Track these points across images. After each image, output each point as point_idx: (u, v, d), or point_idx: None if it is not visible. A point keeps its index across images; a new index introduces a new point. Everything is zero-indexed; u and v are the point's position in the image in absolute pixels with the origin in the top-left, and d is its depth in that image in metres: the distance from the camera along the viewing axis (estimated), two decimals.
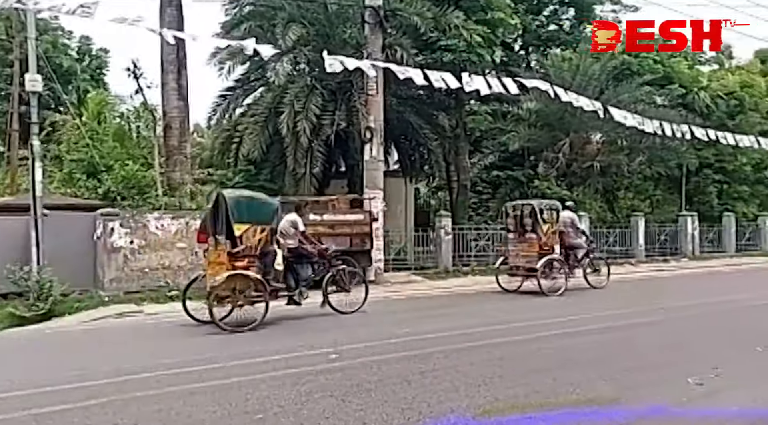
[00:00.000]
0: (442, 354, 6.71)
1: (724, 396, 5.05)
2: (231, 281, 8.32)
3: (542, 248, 11.94)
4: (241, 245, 8.42)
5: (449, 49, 15.74)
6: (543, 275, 11.81)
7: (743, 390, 5.22)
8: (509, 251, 12.77)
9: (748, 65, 28.09)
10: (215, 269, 8.54)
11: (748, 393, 5.11)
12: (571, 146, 19.89)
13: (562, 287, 11.97)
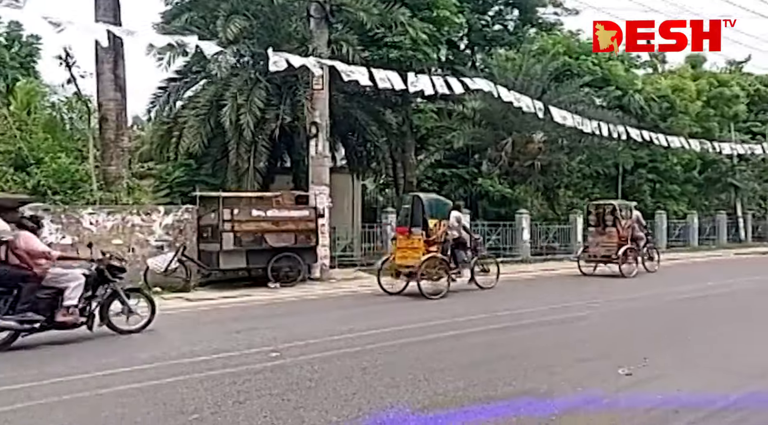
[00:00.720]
0: (385, 349, 6.72)
1: (650, 385, 5.26)
2: (429, 261, 10.98)
3: (621, 240, 14.70)
4: (433, 235, 11.12)
5: (395, 46, 15.80)
6: (622, 261, 14.48)
7: (668, 379, 5.45)
8: (590, 242, 15.69)
9: (680, 70, 29.53)
10: (408, 253, 11.27)
11: (673, 382, 5.34)
12: (513, 144, 20.33)
13: (634, 271, 14.80)
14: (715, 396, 4.94)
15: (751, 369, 5.86)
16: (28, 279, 6.76)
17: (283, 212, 12.66)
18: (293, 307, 10.39)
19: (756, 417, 4.46)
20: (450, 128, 21.04)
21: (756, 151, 26.98)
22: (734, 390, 5.08)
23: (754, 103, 33.37)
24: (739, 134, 29.29)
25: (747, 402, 4.81)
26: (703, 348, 6.98)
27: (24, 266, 6.80)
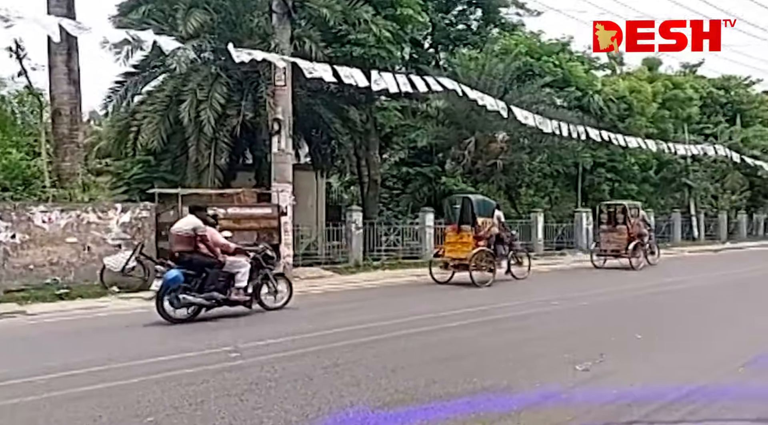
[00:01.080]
0: (347, 348, 6.69)
1: (606, 380, 5.37)
2: (479, 254, 12.52)
3: (630, 236, 16.42)
4: (481, 232, 12.69)
5: (359, 43, 15.75)
6: (631, 255, 16.15)
7: (623, 374, 5.57)
8: (601, 239, 17.46)
9: (637, 72, 30.30)
10: (457, 247, 12.88)
11: (627, 377, 5.46)
12: (476, 144, 20.52)
13: (642, 263, 16.53)
14: (667, 389, 5.08)
15: (703, 363, 6.04)
16: (213, 266, 8.53)
17: (245, 210, 12.49)
18: (257, 307, 10.24)
19: (705, 410, 4.59)
20: (414, 127, 21.10)
21: (708, 152, 27.95)
22: (686, 383, 5.23)
23: (706, 106, 34.52)
24: (692, 135, 30.24)
25: (698, 394, 4.96)
26: (657, 342, 7.17)
27: (210, 255, 8.56)
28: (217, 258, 8.57)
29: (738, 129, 34.21)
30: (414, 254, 18.21)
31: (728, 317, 9.00)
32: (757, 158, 30.89)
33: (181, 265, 8.35)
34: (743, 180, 33.19)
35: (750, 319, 8.75)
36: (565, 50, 26.06)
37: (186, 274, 8.28)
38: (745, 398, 4.90)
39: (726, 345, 6.91)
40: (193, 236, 8.45)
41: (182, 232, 8.52)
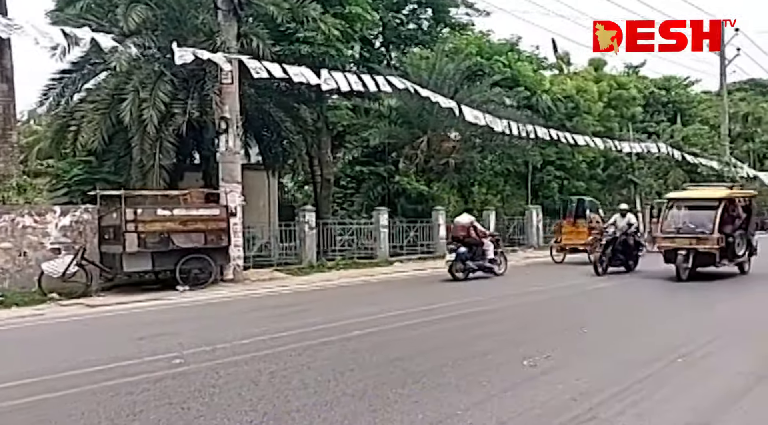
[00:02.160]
0: (296, 351, 6.56)
1: (552, 376, 5.43)
2: (593, 241, 15.32)
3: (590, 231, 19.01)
4: (592, 224, 17.23)
5: (307, 41, 15.57)
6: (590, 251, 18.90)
7: (568, 369, 5.66)
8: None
9: (583, 72, 31.06)
10: (572, 235, 18.08)
11: (573, 372, 5.54)
12: (429, 143, 20.62)
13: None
14: (609, 382, 5.18)
15: (644, 355, 6.19)
16: (480, 245, 13.64)
17: (192, 211, 12.17)
18: (203, 311, 10.01)
19: (645, 402, 4.69)
20: (367, 126, 21.03)
21: (652, 150, 28.95)
22: (626, 377, 5.34)
23: (649, 105, 35.80)
24: (636, 133, 31.25)
25: (638, 386, 5.07)
26: (599, 338, 7.33)
27: (475, 238, 13.54)
28: (480, 240, 13.59)
29: (679, 128, 35.59)
30: (369, 254, 18.15)
31: (671, 309, 9.30)
32: (696, 156, 32.19)
33: (462, 244, 13.20)
34: (684, 177, 34.48)
35: (692, 310, 9.07)
36: (514, 50, 26.51)
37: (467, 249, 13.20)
38: (684, 389, 5.03)
39: (667, 337, 7.11)
40: (468, 226, 13.57)
41: (463, 223, 13.78)
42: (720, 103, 38.59)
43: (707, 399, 4.76)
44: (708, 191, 14.72)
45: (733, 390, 5.00)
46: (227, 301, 11.00)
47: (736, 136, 41.08)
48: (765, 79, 52.50)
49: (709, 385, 5.17)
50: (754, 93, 52.20)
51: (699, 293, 11.13)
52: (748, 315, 8.66)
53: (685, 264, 12.16)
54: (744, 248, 13.09)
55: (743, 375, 5.42)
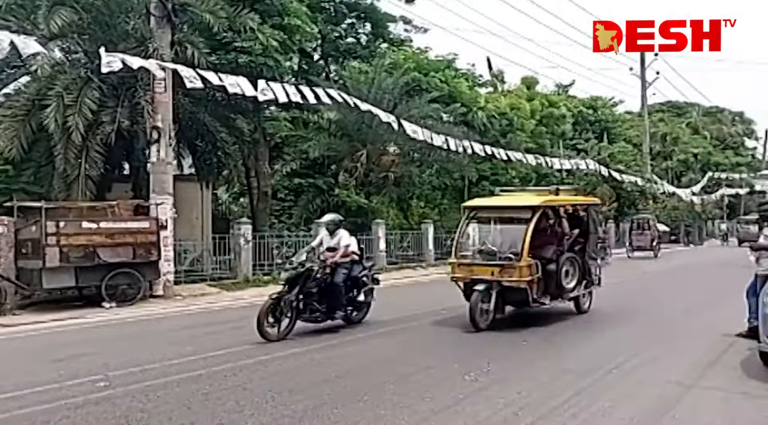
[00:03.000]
0: (231, 371, 6.27)
1: (494, 389, 5.43)
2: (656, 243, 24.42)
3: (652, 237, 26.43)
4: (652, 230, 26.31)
5: (245, 51, 15.25)
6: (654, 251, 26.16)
7: (509, 383, 5.67)
8: (633, 240, 27.09)
9: (516, 90, 32.09)
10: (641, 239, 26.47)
11: (514, 385, 5.56)
12: (368, 156, 20.62)
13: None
14: (550, 395, 5.22)
15: (582, 366, 6.31)
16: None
17: (120, 224, 11.55)
18: (131, 329, 9.47)
19: (584, 413, 4.74)
20: (305, 138, 20.82)
21: (581, 166, 30.20)
22: (567, 388, 5.41)
23: (578, 123, 37.36)
24: (566, 150, 32.53)
25: (577, 399, 5.14)
26: (539, 348, 7.43)
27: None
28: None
29: (605, 145, 37.35)
30: None
31: (598, 320, 9.55)
32: (621, 172, 33.85)
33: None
34: (611, 192, 36.15)
35: (620, 322, 9.36)
36: (451, 67, 27.04)
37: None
38: (620, 399, 5.13)
39: (602, 347, 7.30)
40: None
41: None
42: (642, 123, 40.85)
43: (642, 410, 4.86)
44: (519, 197, 10.55)
45: (666, 399, 5.15)
46: (157, 318, 10.47)
47: (656, 154, 43.56)
48: (681, 102, 56.08)
49: (644, 395, 5.29)
50: (671, 114, 55.64)
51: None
52: None
53: (484, 304, 8.37)
54: (576, 279, 9.34)
55: (672, 384, 5.61)
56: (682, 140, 49.58)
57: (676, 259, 25.99)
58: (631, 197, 37.77)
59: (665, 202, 39.71)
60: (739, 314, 7.89)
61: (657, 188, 38.31)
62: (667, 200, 40.09)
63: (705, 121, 56.86)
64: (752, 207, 57.11)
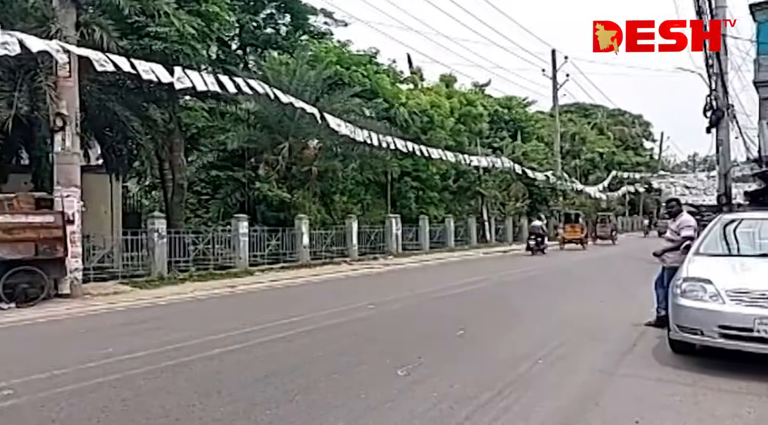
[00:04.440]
0: (151, 374, 5.90)
1: (427, 383, 5.43)
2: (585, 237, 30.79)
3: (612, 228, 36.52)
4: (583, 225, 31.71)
5: (159, 37, 14.49)
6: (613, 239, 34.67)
7: (442, 376, 5.70)
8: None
9: (436, 88, 32.67)
10: (571, 233, 30.72)
11: (447, 379, 5.59)
12: (290, 149, 20.25)
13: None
14: (482, 388, 5.29)
15: (510, 358, 6.45)
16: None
17: (19, 218, 10.64)
18: (34, 331, 8.75)
19: (516, 406, 4.84)
20: (224, 129, 20.15)
21: (496, 164, 31.24)
22: (497, 380, 5.51)
23: (494, 122, 38.62)
24: (483, 148, 33.52)
25: (508, 391, 5.24)
26: (472, 340, 7.56)
27: None
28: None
29: (519, 144, 38.86)
30: (227, 263, 17.28)
31: (523, 312, 9.90)
32: (534, 170, 35.34)
33: None
34: (524, 189, 37.69)
35: (543, 313, 9.73)
36: (372, 62, 27.10)
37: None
38: (548, 389, 5.29)
39: (527, 339, 7.52)
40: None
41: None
42: (553, 122, 42.83)
43: (569, 399, 5.03)
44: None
45: (589, 387, 5.36)
46: (64, 319, 9.73)
47: (565, 153, 45.85)
48: (587, 104, 59.36)
49: (569, 384, 5.48)
50: (579, 115, 58.81)
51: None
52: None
53: None
54: None
55: (595, 372, 5.86)
56: (589, 139, 52.58)
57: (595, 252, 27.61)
58: (543, 193, 39.57)
59: (574, 199, 41.90)
60: (649, 304, 8.42)
61: (567, 186, 40.34)
62: (575, 197, 42.33)
63: (609, 122, 60.63)
64: (650, 204, 61.61)
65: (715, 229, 7.31)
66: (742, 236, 7.15)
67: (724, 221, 7.57)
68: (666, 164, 70.36)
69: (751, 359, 5.61)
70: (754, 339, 5.46)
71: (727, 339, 5.64)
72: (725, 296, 5.74)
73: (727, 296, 5.72)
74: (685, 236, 7.80)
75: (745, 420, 4.48)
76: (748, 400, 4.90)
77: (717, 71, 15.09)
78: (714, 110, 15.50)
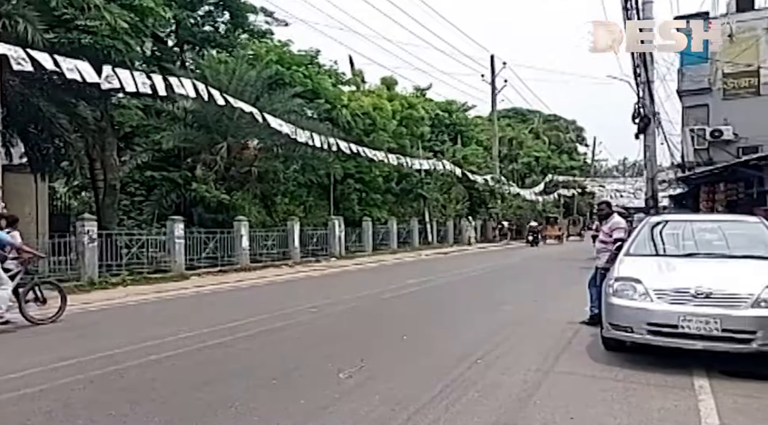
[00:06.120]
0: (80, 384, 5.62)
1: (369, 386, 5.40)
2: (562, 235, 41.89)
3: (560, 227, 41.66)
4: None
5: (89, 31, 13.83)
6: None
7: (383, 379, 5.68)
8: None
9: (378, 90, 32.82)
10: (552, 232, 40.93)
11: (388, 381, 5.59)
12: (229, 149, 19.81)
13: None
14: (422, 389, 5.31)
15: (449, 358, 6.51)
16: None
17: None
18: None
19: (457, 405, 4.89)
20: (159, 128, 19.45)
21: (438, 167, 31.70)
22: (440, 381, 5.55)
23: (435, 126, 39.15)
24: (425, 151, 33.93)
25: (449, 390, 5.29)
26: (414, 342, 7.58)
27: None
28: None
29: (459, 148, 39.58)
30: (162, 267, 16.69)
31: (465, 312, 10.04)
32: (474, 173, 36.08)
33: None
34: (464, 192, 38.40)
35: (483, 313, 9.89)
36: (314, 63, 26.92)
37: None
38: (487, 389, 5.36)
39: (468, 339, 7.61)
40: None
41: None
42: (491, 127, 43.87)
43: (508, 397, 5.12)
44: None
45: (527, 385, 5.48)
46: None
47: (503, 157, 47.06)
48: (524, 109, 61.16)
49: (508, 383, 5.59)
50: (516, 120, 60.51)
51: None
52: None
53: None
54: None
55: (532, 371, 6.00)
56: (526, 144, 54.14)
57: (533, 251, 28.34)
58: (483, 196, 40.44)
59: (512, 201, 43.05)
60: (582, 303, 8.72)
61: (505, 189, 41.40)
62: (513, 200, 43.49)
63: (545, 127, 62.64)
64: (584, 207, 64.03)
65: (644, 231, 7.64)
66: (668, 238, 7.50)
67: (652, 223, 7.93)
68: (598, 168, 73.43)
69: (677, 354, 5.89)
70: (679, 335, 5.74)
71: (655, 336, 5.90)
72: (653, 294, 6.00)
73: (655, 295, 5.99)
74: (617, 238, 8.12)
75: (672, 413, 4.69)
76: (674, 393, 5.14)
77: (644, 80, 15.85)
78: (642, 117, 16.27)
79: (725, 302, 5.66)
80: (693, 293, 5.78)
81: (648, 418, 4.56)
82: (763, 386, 5.35)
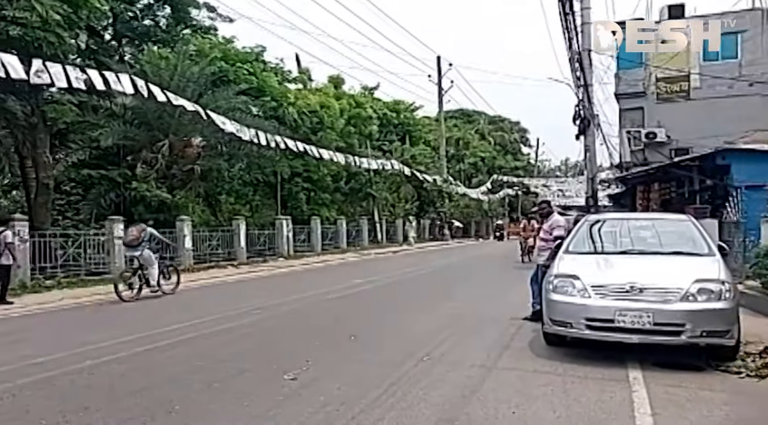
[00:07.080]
0: (9, 392, 5.37)
1: (314, 388, 5.35)
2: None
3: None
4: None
5: (18, 22, 13.16)
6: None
7: (329, 379, 5.64)
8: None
9: (325, 88, 32.65)
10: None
11: (334, 381, 5.55)
12: (170, 147, 19.26)
13: None
14: (368, 388, 5.30)
15: (396, 357, 6.54)
16: None
17: None
18: None
19: (402, 402, 4.91)
20: (96, 125, 18.69)
21: (386, 166, 31.80)
22: (384, 379, 5.56)
23: (383, 125, 39.28)
24: (373, 150, 33.97)
25: (394, 388, 5.30)
26: (360, 341, 7.56)
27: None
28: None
29: (408, 147, 39.84)
30: (101, 269, 16.06)
31: (411, 310, 10.10)
32: (422, 172, 36.39)
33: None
34: (413, 191, 38.70)
35: (429, 311, 9.98)
36: (259, 60, 26.51)
37: None
38: (432, 386, 5.41)
39: (414, 337, 7.65)
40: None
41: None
42: (438, 127, 44.37)
43: (453, 393, 5.18)
44: None
45: (471, 381, 5.56)
46: None
47: (451, 157, 47.70)
48: (470, 110, 62.19)
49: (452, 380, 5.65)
50: (463, 121, 61.45)
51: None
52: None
53: None
54: None
55: (476, 367, 6.09)
56: (472, 144, 55.07)
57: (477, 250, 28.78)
58: (431, 196, 40.88)
59: (459, 201, 43.70)
60: (525, 300, 8.93)
61: (453, 188, 41.98)
62: (460, 199, 44.17)
63: (490, 128, 63.89)
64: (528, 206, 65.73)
65: (583, 229, 7.88)
66: (605, 235, 7.76)
67: (590, 221, 8.18)
68: (542, 168, 75.49)
69: (614, 347, 6.11)
70: (615, 329, 5.96)
71: (593, 330, 6.10)
72: (591, 290, 6.20)
73: (593, 291, 6.19)
74: (557, 235, 8.35)
75: (608, 404, 4.86)
76: (610, 386, 5.32)
77: (583, 83, 16.37)
78: (582, 119, 16.79)
79: (657, 297, 5.91)
80: (628, 288, 6.01)
81: (585, 410, 4.71)
82: (692, 376, 5.62)
